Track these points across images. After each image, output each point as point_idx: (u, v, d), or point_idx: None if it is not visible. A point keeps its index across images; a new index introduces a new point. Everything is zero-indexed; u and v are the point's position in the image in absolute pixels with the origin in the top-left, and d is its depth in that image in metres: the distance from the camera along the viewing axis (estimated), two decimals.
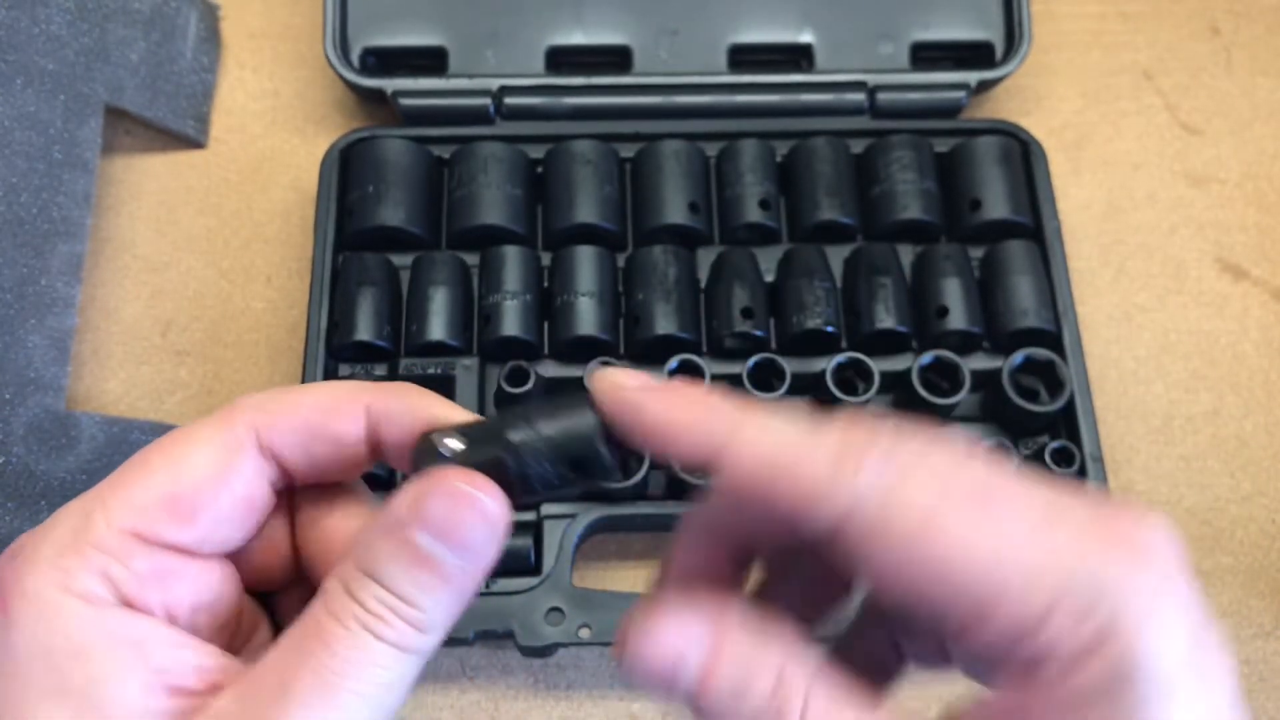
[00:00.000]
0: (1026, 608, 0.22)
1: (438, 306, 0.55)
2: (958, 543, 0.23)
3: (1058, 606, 0.22)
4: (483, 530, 0.26)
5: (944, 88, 0.61)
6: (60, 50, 0.56)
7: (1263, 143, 0.65)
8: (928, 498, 0.23)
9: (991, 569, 0.23)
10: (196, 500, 0.28)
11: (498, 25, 0.62)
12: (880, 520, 0.23)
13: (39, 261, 0.53)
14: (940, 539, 0.23)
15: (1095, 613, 0.22)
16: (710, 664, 0.25)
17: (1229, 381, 0.59)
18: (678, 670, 0.25)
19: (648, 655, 0.25)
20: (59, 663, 0.25)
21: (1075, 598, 0.22)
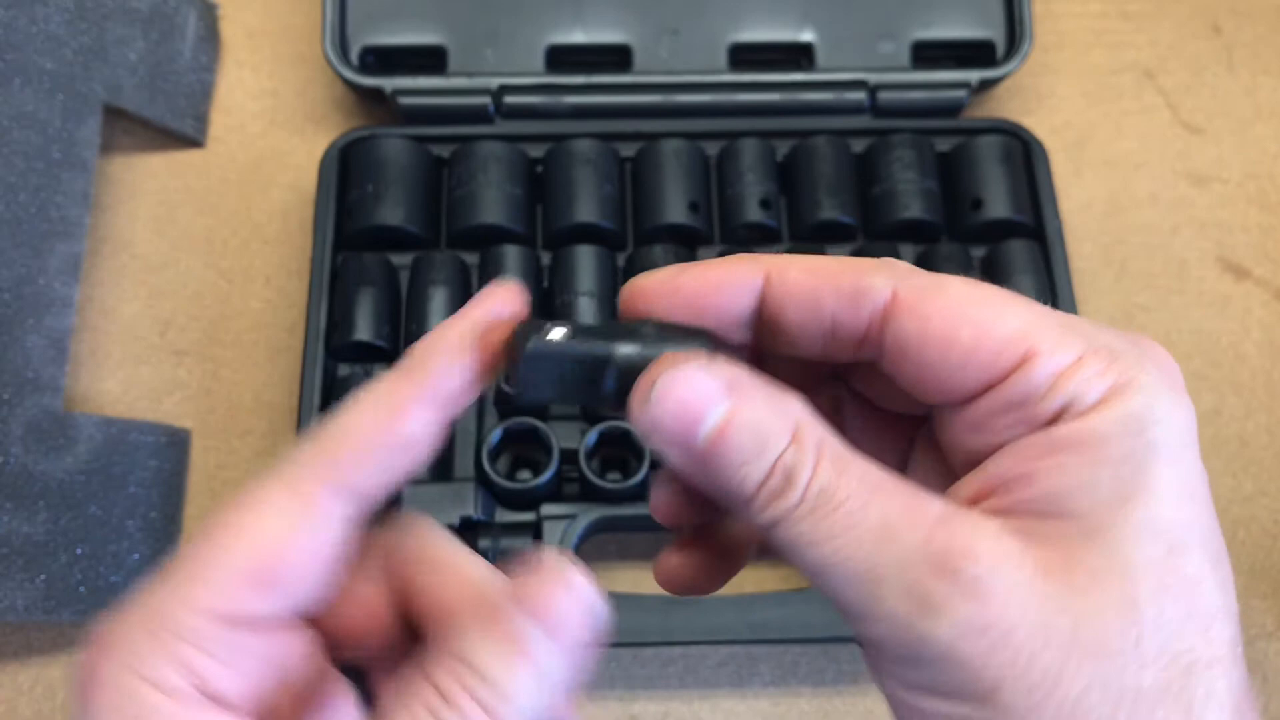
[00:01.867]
0: (1060, 359, 0.25)
1: (437, 306, 0.55)
2: (996, 311, 0.25)
3: (1087, 359, 0.25)
4: (581, 618, 0.26)
5: (945, 87, 0.60)
6: (59, 49, 0.56)
7: (1265, 142, 0.64)
8: (964, 286, 0.26)
9: (1027, 330, 0.25)
10: (277, 562, 0.26)
11: (497, 24, 0.61)
12: (923, 299, 0.26)
13: (37, 261, 0.53)
14: (981, 308, 0.25)
15: (1118, 369, 0.25)
16: (733, 409, 0.25)
17: (1231, 381, 0.59)
18: (701, 415, 0.25)
19: (672, 398, 0.25)
20: None
21: (1101, 355, 0.25)
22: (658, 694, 0.52)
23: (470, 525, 0.51)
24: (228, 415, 0.57)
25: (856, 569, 0.24)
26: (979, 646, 0.23)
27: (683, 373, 0.25)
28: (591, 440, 0.51)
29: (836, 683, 0.53)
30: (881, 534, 0.24)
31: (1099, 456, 0.24)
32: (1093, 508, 0.24)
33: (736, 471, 0.25)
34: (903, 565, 0.24)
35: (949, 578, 0.23)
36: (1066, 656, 0.23)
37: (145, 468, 0.54)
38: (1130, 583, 0.23)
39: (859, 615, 0.24)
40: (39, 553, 0.49)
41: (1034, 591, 0.23)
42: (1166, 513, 0.24)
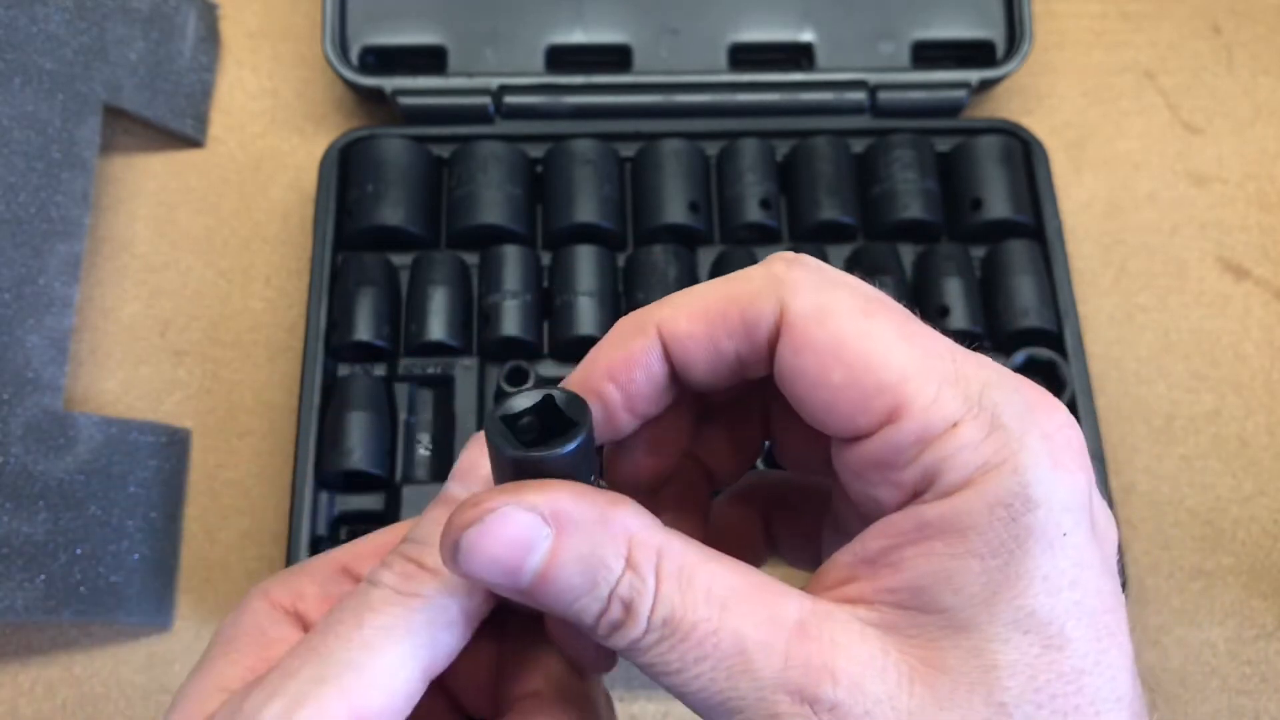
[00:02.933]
0: (931, 419, 0.23)
1: (437, 306, 0.55)
2: (876, 352, 0.23)
3: (963, 426, 0.23)
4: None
5: (945, 87, 0.60)
6: (59, 49, 0.56)
7: (1264, 142, 0.64)
8: (850, 316, 0.24)
9: (905, 379, 0.23)
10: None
11: (497, 24, 0.61)
12: (804, 327, 0.24)
13: (37, 261, 0.53)
14: (861, 344, 0.23)
15: (995, 442, 0.23)
16: (554, 546, 0.23)
17: (1231, 381, 0.59)
18: (521, 559, 0.23)
19: (487, 546, 0.23)
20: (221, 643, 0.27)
21: (980, 422, 0.23)
22: (658, 694, 0.52)
23: None
24: (228, 415, 0.57)
25: (711, 699, 0.23)
26: None
27: (497, 516, 0.23)
28: None
29: None
30: (735, 662, 0.23)
31: (967, 547, 0.22)
32: (959, 603, 0.22)
33: (571, 607, 0.24)
34: (760, 695, 0.23)
35: (808, 706, 0.22)
36: None
37: (145, 468, 0.54)
38: (999, 687, 0.22)
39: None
40: (39, 553, 0.49)
41: (896, 708, 0.22)
42: (1042, 605, 0.22)
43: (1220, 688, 0.53)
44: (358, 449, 0.51)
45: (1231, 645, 0.54)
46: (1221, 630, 0.54)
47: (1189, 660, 0.53)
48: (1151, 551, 0.55)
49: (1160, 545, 0.55)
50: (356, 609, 0.25)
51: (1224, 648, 0.54)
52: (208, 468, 0.56)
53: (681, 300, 0.26)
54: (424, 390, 0.55)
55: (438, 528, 0.25)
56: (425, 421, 0.55)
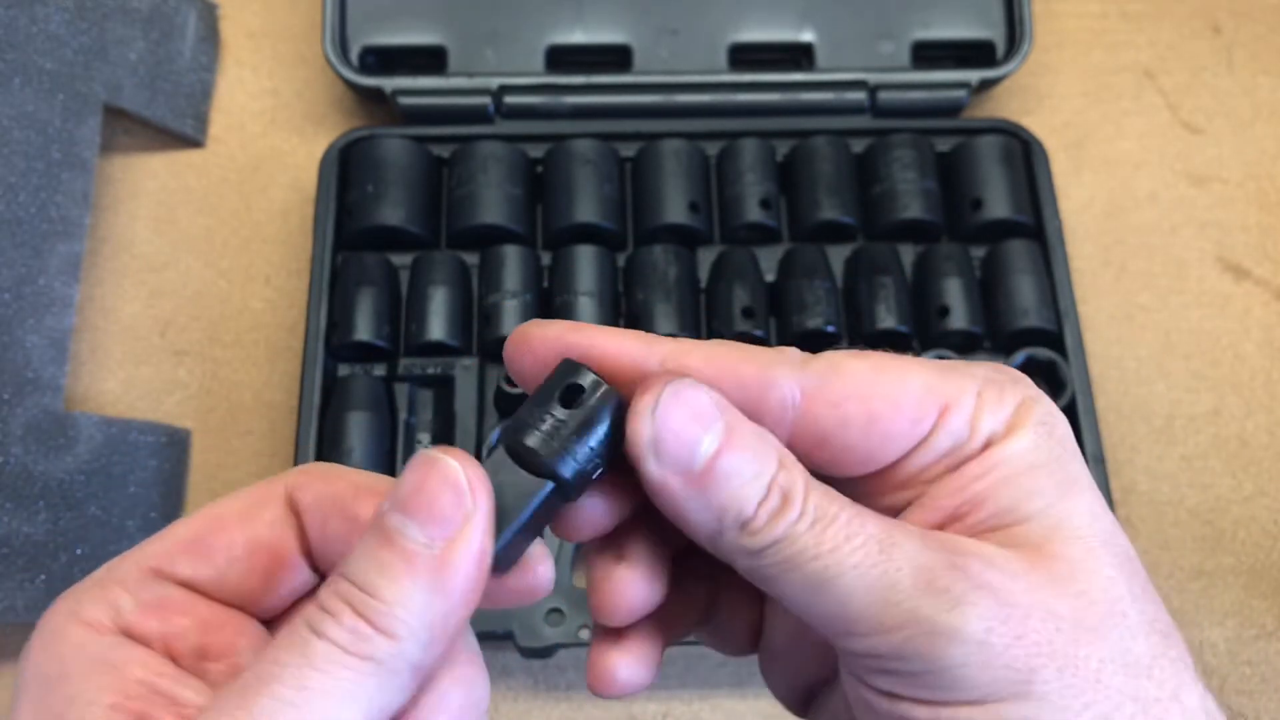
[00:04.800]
0: (966, 402, 0.26)
1: (437, 306, 0.55)
2: (897, 378, 0.26)
3: (984, 394, 0.26)
4: (448, 496, 0.23)
5: (945, 87, 0.60)
6: (59, 49, 0.56)
7: (1264, 142, 0.64)
8: (858, 362, 0.26)
9: (930, 386, 0.26)
10: (213, 539, 0.27)
11: (497, 24, 0.61)
12: (827, 386, 0.26)
13: (37, 261, 0.53)
14: (882, 379, 0.26)
15: (1009, 396, 0.26)
16: (728, 430, 0.24)
17: (1230, 381, 0.59)
18: (699, 435, 0.24)
19: (674, 417, 0.24)
20: (48, 684, 0.25)
21: (991, 387, 0.26)
22: (657, 694, 0.52)
23: None
24: (228, 415, 0.57)
25: (866, 575, 0.24)
26: (1008, 636, 0.23)
27: (684, 391, 0.24)
28: None
29: None
30: (885, 540, 0.24)
31: (1033, 464, 0.26)
32: (1044, 508, 0.25)
33: (737, 492, 0.24)
34: (915, 565, 0.24)
35: (961, 573, 0.24)
36: (1077, 637, 0.24)
37: (145, 468, 0.54)
38: (1100, 565, 0.25)
39: (869, 628, 0.24)
40: (39, 553, 0.49)
41: (1030, 581, 0.24)
42: (1094, 500, 0.26)
43: (1220, 688, 0.53)
44: (357, 449, 0.51)
45: (1231, 645, 0.54)
46: (1221, 630, 0.54)
47: None
48: (1151, 551, 0.55)
49: (1160, 545, 0.55)
50: (298, 666, 0.23)
51: (1224, 648, 0.54)
52: (208, 468, 0.56)
53: (693, 344, 0.27)
54: (424, 390, 0.55)
55: (382, 572, 0.23)
56: (425, 421, 0.55)
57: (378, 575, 0.23)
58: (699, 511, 0.25)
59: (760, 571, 0.25)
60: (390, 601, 0.23)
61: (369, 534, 0.24)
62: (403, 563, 0.23)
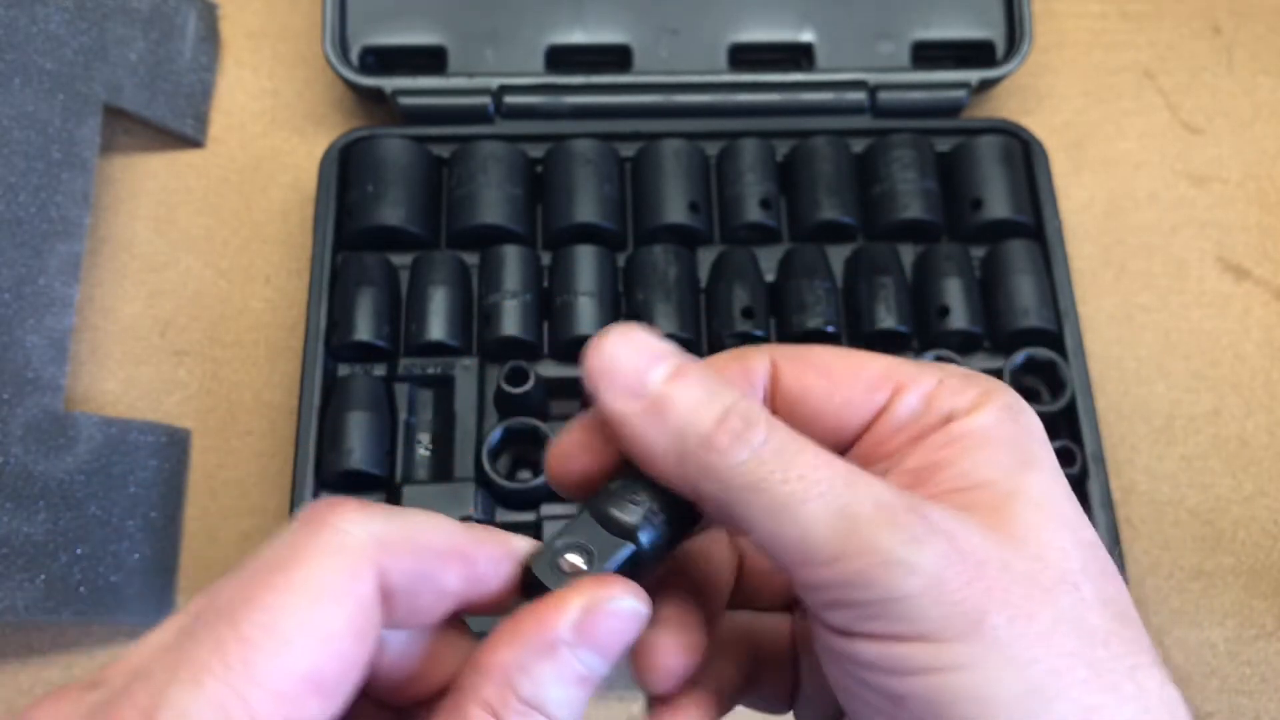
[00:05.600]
0: (927, 384, 0.27)
1: (437, 306, 0.55)
2: (860, 360, 0.28)
3: (947, 381, 0.28)
4: (630, 636, 0.26)
5: (945, 87, 0.60)
6: (59, 49, 0.56)
7: (1264, 142, 0.64)
8: (827, 348, 0.29)
9: (889, 369, 0.28)
10: (340, 672, 0.24)
11: (497, 24, 0.61)
12: (798, 360, 0.28)
13: (37, 261, 0.53)
14: (847, 359, 0.28)
15: (977, 385, 0.27)
16: (681, 363, 0.26)
17: (1230, 381, 0.59)
18: (650, 364, 0.26)
19: (625, 345, 0.26)
20: None
21: (957, 377, 0.28)
22: None
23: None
24: (228, 415, 0.57)
25: (831, 503, 0.24)
26: (963, 576, 0.24)
27: (633, 332, 0.27)
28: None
29: None
30: (850, 475, 0.25)
31: (991, 439, 0.27)
32: (1003, 475, 0.26)
33: (693, 412, 0.25)
34: (878, 502, 0.24)
35: (921, 517, 0.24)
36: (1031, 593, 0.24)
37: (145, 468, 0.54)
38: (1055, 536, 0.25)
39: (828, 555, 0.24)
40: (39, 553, 0.49)
41: (987, 539, 0.25)
42: (1055, 483, 0.26)
43: (1220, 688, 0.53)
44: (358, 449, 0.51)
45: (1231, 645, 0.54)
46: (1221, 630, 0.54)
47: (1189, 660, 0.53)
48: (1151, 551, 0.55)
49: (1160, 545, 0.55)
50: None
51: (1224, 648, 0.54)
52: (208, 468, 0.56)
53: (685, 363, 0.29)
54: (424, 390, 0.55)
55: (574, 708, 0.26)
56: (425, 421, 0.55)
57: (570, 710, 0.25)
58: (659, 436, 0.26)
59: (726, 496, 0.25)
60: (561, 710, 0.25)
61: (550, 662, 0.25)
62: (586, 694, 0.26)
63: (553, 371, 0.55)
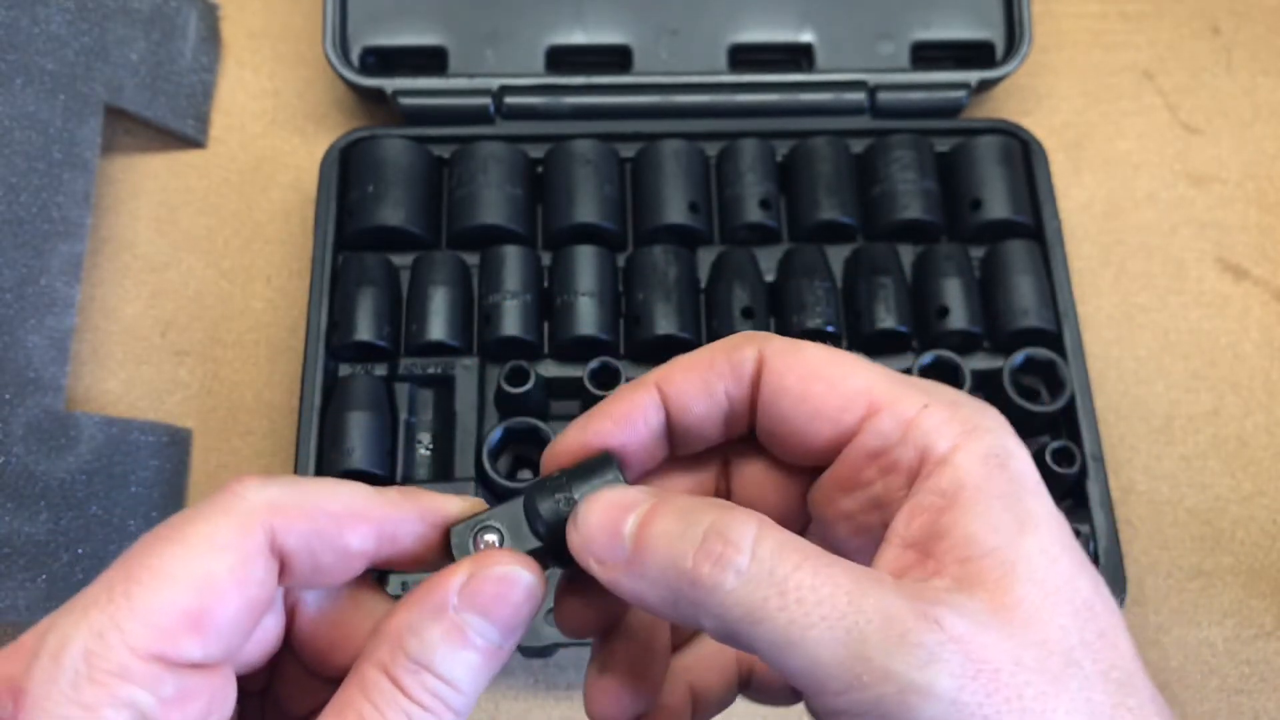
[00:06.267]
0: (905, 408, 0.27)
1: (438, 306, 0.55)
2: (844, 371, 0.28)
3: (931, 408, 0.27)
4: (528, 610, 0.27)
5: (944, 87, 0.60)
6: (60, 50, 0.56)
7: (1263, 142, 0.65)
8: (818, 350, 0.28)
9: (871, 386, 0.27)
10: (219, 615, 0.25)
11: (498, 25, 0.62)
12: (782, 358, 0.28)
13: (38, 261, 0.53)
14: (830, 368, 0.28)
15: (962, 415, 0.27)
16: (652, 505, 0.26)
17: (1229, 381, 0.59)
18: (622, 520, 0.26)
19: (594, 515, 0.27)
20: None
21: (942, 403, 0.27)
22: None
23: None
24: (229, 415, 0.57)
25: (835, 628, 0.23)
26: (979, 693, 0.23)
27: (599, 494, 0.27)
28: None
29: None
30: (854, 589, 0.24)
31: (989, 495, 0.26)
32: (1005, 541, 0.25)
33: (670, 551, 0.25)
34: (885, 616, 0.24)
35: (932, 625, 0.24)
36: (1043, 691, 0.24)
37: (147, 467, 0.54)
38: (1055, 613, 0.25)
39: (841, 685, 0.24)
40: (40, 553, 0.49)
41: (999, 634, 0.24)
42: (1050, 538, 0.26)
43: (1219, 687, 0.53)
44: (358, 448, 0.52)
45: (1230, 645, 0.54)
46: (1220, 630, 0.54)
47: (1188, 660, 0.53)
48: (1150, 551, 0.55)
49: (1159, 545, 0.56)
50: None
51: (1223, 647, 0.54)
52: (209, 467, 0.56)
53: (672, 361, 0.30)
54: (424, 390, 0.55)
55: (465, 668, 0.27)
56: (425, 421, 0.55)
57: (465, 674, 0.26)
58: (647, 589, 0.26)
59: (728, 629, 0.25)
60: (467, 691, 0.26)
61: (437, 624, 0.26)
62: (480, 658, 0.27)
63: (553, 371, 0.55)
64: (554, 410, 0.55)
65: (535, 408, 0.54)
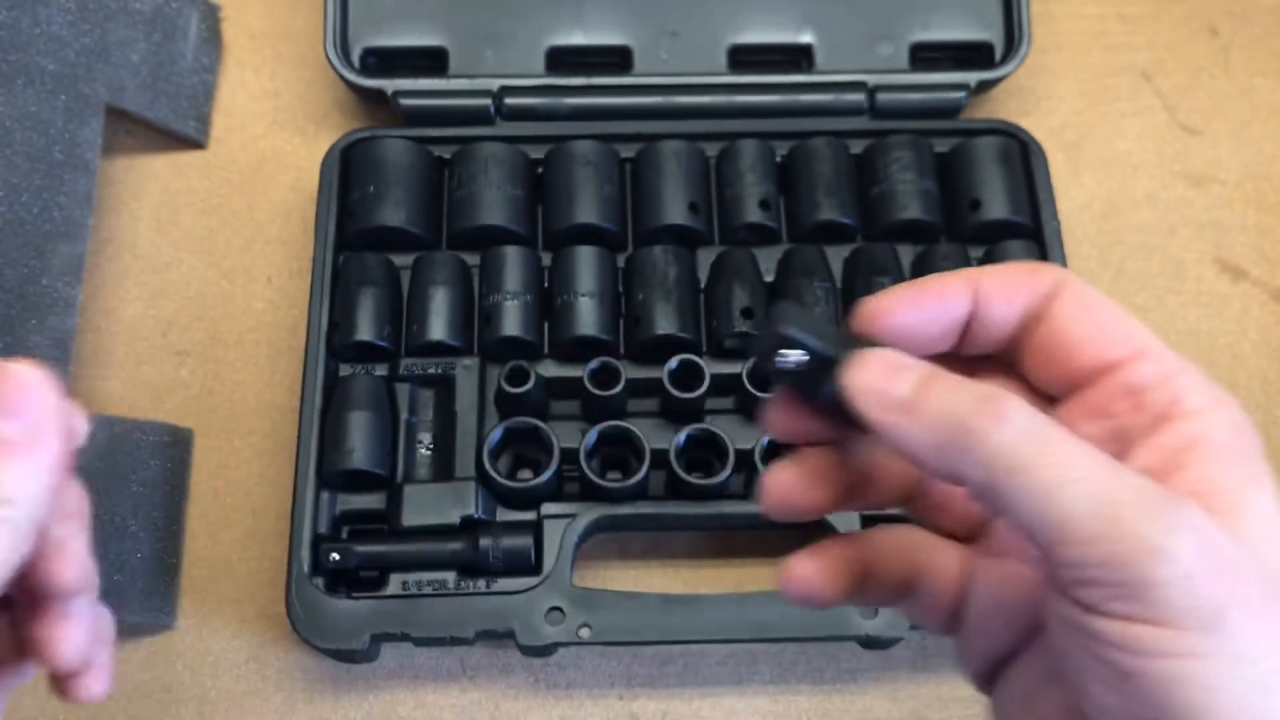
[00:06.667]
0: (1167, 363, 0.29)
1: (438, 306, 0.55)
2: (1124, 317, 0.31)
3: (1188, 370, 0.29)
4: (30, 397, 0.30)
5: (943, 88, 0.61)
6: (61, 50, 0.56)
7: (1261, 143, 0.65)
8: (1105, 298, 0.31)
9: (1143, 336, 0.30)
10: None
11: (498, 25, 0.62)
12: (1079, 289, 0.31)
13: (40, 262, 0.53)
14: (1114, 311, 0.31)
15: (1210, 385, 0.29)
16: (932, 369, 0.28)
17: (1227, 382, 0.59)
18: (906, 369, 0.28)
19: (882, 357, 0.29)
20: None
21: (1194, 371, 0.29)
22: (658, 692, 0.53)
23: (471, 524, 0.51)
24: (230, 415, 0.57)
25: (1093, 486, 0.26)
26: (1212, 569, 0.25)
27: (877, 351, 0.29)
28: (592, 440, 0.52)
29: (835, 681, 0.53)
30: (1111, 463, 0.26)
31: (1230, 450, 0.28)
32: (1238, 486, 0.27)
33: (950, 401, 0.27)
34: (1139, 489, 0.26)
35: (1178, 507, 0.26)
36: (1265, 595, 0.26)
37: (148, 467, 0.54)
38: (1276, 552, 0.27)
39: (1087, 536, 0.25)
40: None
41: (1229, 541, 0.26)
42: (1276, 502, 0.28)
43: None
44: (359, 448, 0.52)
45: None
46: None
47: None
48: None
49: None
50: None
51: None
52: (210, 467, 0.56)
53: (982, 268, 0.32)
54: (425, 390, 0.55)
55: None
56: (426, 421, 0.55)
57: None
58: (923, 433, 0.28)
59: (989, 479, 0.26)
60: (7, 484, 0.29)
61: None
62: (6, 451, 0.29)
63: (553, 371, 0.55)
64: (554, 410, 0.55)
65: (535, 408, 0.54)
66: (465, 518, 0.51)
